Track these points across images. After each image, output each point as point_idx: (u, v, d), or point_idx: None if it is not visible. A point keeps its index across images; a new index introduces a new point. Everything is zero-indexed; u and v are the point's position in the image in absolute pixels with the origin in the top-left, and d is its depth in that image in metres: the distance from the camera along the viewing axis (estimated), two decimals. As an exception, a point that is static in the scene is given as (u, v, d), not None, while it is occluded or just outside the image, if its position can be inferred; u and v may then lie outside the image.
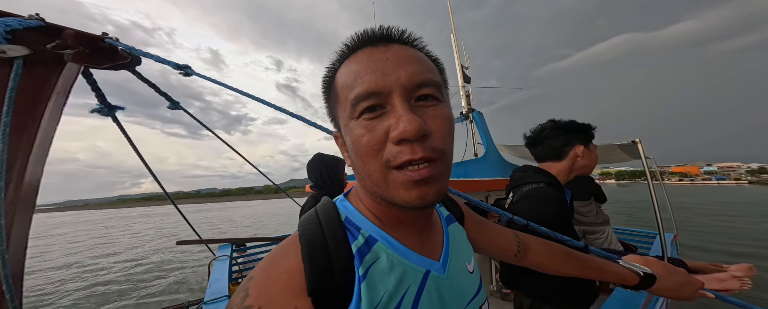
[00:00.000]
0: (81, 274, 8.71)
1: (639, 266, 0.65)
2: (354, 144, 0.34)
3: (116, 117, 1.04)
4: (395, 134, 0.30)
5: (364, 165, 0.34)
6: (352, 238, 0.37)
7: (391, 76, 0.31)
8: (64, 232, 22.80)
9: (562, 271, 0.65)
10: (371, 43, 0.34)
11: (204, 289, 1.92)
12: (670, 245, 2.41)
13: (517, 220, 0.82)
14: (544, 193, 1.02)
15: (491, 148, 3.50)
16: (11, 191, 0.62)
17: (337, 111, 0.37)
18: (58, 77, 0.69)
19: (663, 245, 1.56)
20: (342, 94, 0.34)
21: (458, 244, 0.48)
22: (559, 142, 1.09)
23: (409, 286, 0.36)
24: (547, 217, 0.94)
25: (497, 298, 2.46)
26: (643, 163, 1.59)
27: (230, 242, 2.65)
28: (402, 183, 0.31)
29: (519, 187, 1.13)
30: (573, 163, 1.09)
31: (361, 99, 0.32)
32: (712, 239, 9.18)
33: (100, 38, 0.77)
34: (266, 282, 0.32)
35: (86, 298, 6.64)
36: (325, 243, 0.35)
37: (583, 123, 1.12)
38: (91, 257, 11.38)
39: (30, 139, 0.65)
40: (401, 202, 0.33)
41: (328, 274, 0.33)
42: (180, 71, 0.92)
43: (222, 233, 16.83)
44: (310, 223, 0.38)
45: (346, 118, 0.34)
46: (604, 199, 2.22)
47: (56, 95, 0.70)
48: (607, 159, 3.16)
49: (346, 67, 0.35)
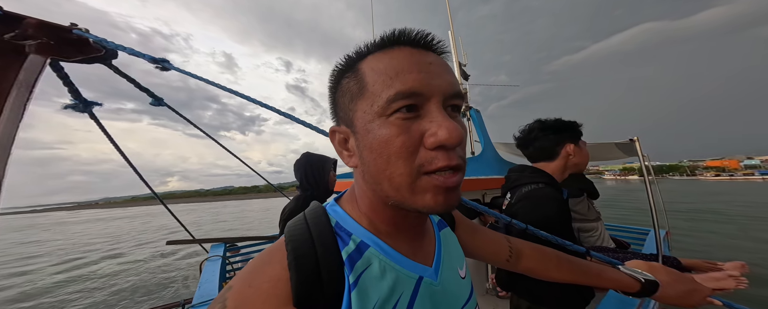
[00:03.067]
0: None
1: (641, 272, 0.62)
2: (381, 143, 0.31)
3: (93, 113, 1.00)
4: (435, 140, 0.30)
5: (387, 166, 0.31)
6: (343, 244, 0.35)
7: (434, 82, 0.31)
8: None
9: (556, 277, 0.63)
10: (411, 44, 0.34)
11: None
12: (663, 241, 2.39)
13: (516, 223, 0.79)
14: (544, 193, 1.01)
15: (488, 146, 3.47)
16: (-35, 191, 0.58)
17: (357, 104, 0.33)
18: (18, 70, 0.65)
19: (658, 242, 1.55)
20: (373, 87, 0.32)
21: (450, 250, 0.47)
22: (549, 142, 1.10)
23: (402, 293, 0.35)
24: (551, 218, 0.93)
25: (493, 296, 2.44)
26: (640, 161, 1.62)
27: (223, 241, 2.61)
28: (432, 188, 0.31)
29: (517, 187, 1.12)
30: (566, 162, 1.10)
31: (402, 97, 0.30)
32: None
33: (67, 29, 0.72)
34: (247, 291, 0.30)
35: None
36: (314, 249, 0.33)
37: (570, 121, 1.12)
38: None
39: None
40: (423, 207, 0.32)
41: (315, 282, 0.31)
42: (157, 66, 0.87)
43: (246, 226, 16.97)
44: (298, 229, 0.36)
45: (373, 113, 0.32)
46: (597, 195, 2.21)
47: (18, 89, 0.66)
48: (605, 157, 3.14)
49: (380, 61, 0.33)
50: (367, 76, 0.33)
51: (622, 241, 2.32)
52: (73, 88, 0.89)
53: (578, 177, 2.18)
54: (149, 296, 6.41)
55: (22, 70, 0.66)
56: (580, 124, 1.13)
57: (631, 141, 1.67)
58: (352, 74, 0.34)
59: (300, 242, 0.34)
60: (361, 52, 0.35)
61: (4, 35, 0.61)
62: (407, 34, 0.34)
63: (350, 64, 0.36)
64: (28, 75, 0.68)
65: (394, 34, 0.34)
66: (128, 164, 1.27)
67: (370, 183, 0.35)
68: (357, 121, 0.34)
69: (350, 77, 0.35)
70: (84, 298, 6.60)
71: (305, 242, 0.34)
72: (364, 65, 0.34)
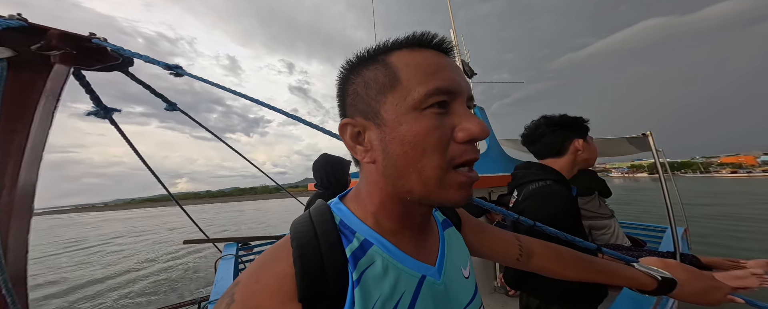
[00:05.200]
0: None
1: (657, 270, 0.60)
2: (417, 135, 0.32)
3: (113, 119, 1.04)
4: (466, 134, 0.32)
5: (421, 159, 0.32)
6: (347, 242, 0.36)
7: (462, 83, 0.35)
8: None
9: (570, 276, 0.61)
10: (436, 48, 0.36)
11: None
12: (681, 239, 2.31)
13: (523, 220, 0.78)
14: (552, 191, 0.99)
15: (493, 144, 3.44)
16: (5, 196, 0.61)
17: (387, 96, 0.34)
18: (46, 79, 0.68)
19: (675, 239, 1.48)
20: (408, 81, 0.33)
21: (454, 249, 0.47)
22: (556, 138, 1.08)
23: (404, 292, 0.36)
24: (558, 216, 0.92)
25: (502, 294, 2.41)
26: (654, 156, 1.55)
27: (235, 241, 2.68)
28: (458, 183, 0.33)
29: (524, 185, 1.11)
30: (575, 158, 1.08)
31: (440, 92, 0.32)
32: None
33: (86, 38, 0.75)
34: (254, 287, 0.31)
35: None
36: (318, 246, 0.34)
37: (576, 116, 1.10)
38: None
39: (21, 144, 0.64)
40: (447, 201, 0.33)
41: (320, 278, 0.31)
42: (171, 72, 0.90)
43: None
44: (303, 226, 0.37)
45: (407, 106, 0.33)
46: (609, 193, 2.16)
47: (46, 98, 0.69)
48: (615, 152, 3.05)
49: (412, 57, 0.35)
50: (400, 71, 0.34)
51: (637, 239, 2.27)
52: (95, 96, 0.92)
53: (589, 175, 2.13)
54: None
55: (49, 80, 0.69)
56: (586, 120, 1.10)
57: (643, 136, 1.61)
58: (380, 66, 0.35)
59: (305, 240, 0.34)
60: (387, 47, 0.36)
61: (31, 47, 0.64)
62: (435, 38, 0.36)
63: (374, 55, 0.36)
64: (54, 84, 0.72)
65: (424, 35, 0.36)
66: (147, 168, 1.31)
67: (392, 177, 0.35)
68: (386, 113, 0.34)
69: (376, 69, 0.35)
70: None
71: (310, 240, 0.34)
72: (395, 59, 0.35)
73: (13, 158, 0.63)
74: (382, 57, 0.36)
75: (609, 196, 2.18)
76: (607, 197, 2.17)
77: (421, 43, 0.36)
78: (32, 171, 0.67)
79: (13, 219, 0.62)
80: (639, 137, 1.72)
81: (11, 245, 0.63)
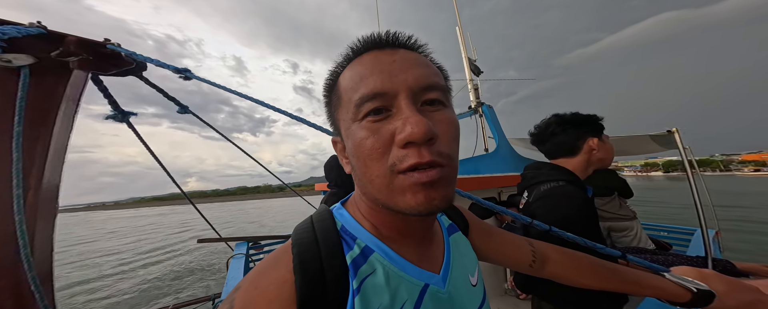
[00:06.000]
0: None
1: (691, 281, 0.54)
2: (356, 147, 0.32)
3: (130, 122, 1.07)
4: (402, 136, 0.29)
5: (366, 169, 0.32)
6: (347, 249, 0.35)
7: (398, 78, 0.31)
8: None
9: (590, 285, 0.58)
10: (378, 47, 0.34)
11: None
12: (712, 243, 2.13)
13: (537, 225, 0.73)
14: (566, 192, 0.94)
15: (503, 142, 3.37)
16: (31, 197, 0.64)
17: (339, 114, 0.36)
18: (65, 85, 0.71)
19: (706, 243, 1.37)
20: (345, 95, 0.34)
21: (460, 256, 0.45)
22: (569, 137, 1.03)
23: (406, 301, 0.34)
24: (572, 218, 0.87)
25: (513, 297, 2.36)
26: (681, 154, 1.46)
27: (246, 240, 2.75)
28: (408, 187, 0.30)
29: (534, 186, 1.06)
30: (589, 157, 1.03)
31: (365, 100, 0.31)
32: None
33: (102, 44, 0.78)
34: (253, 293, 0.30)
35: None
36: (319, 253, 0.33)
37: (590, 114, 1.05)
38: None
39: (44, 147, 0.67)
40: (406, 208, 0.31)
41: (319, 286, 0.31)
42: (180, 75, 0.92)
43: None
44: (304, 232, 0.37)
45: (349, 120, 0.34)
46: (630, 194, 2.05)
47: (66, 103, 0.72)
48: (637, 150, 2.92)
49: (350, 70, 0.35)
50: (341, 86, 0.35)
51: (662, 242, 2.15)
52: (112, 100, 0.96)
53: (608, 175, 2.04)
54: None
55: (68, 86, 0.72)
56: (601, 118, 1.05)
57: (668, 132, 1.53)
58: (335, 86, 0.37)
59: (306, 246, 0.34)
60: (341, 65, 0.37)
61: (51, 53, 0.67)
62: (373, 38, 0.35)
63: (334, 77, 0.38)
64: (73, 90, 0.74)
65: (360, 42, 0.35)
66: (163, 169, 1.36)
67: (360, 186, 0.36)
68: (341, 130, 0.36)
69: (334, 89, 0.37)
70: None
71: (311, 246, 0.34)
72: (342, 76, 0.36)
73: (37, 161, 0.66)
74: (338, 76, 0.37)
75: (630, 197, 2.07)
76: (628, 198, 2.06)
77: (364, 48, 0.35)
78: (56, 172, 0.70)
79: (39, 219, 0.65)
80: (664, 134, 1.63)
81: (38, 244, 0.66)
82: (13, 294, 0.63)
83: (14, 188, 0.59)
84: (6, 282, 0.62)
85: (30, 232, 0.62)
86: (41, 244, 0.67)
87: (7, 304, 0.63)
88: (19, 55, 0.60)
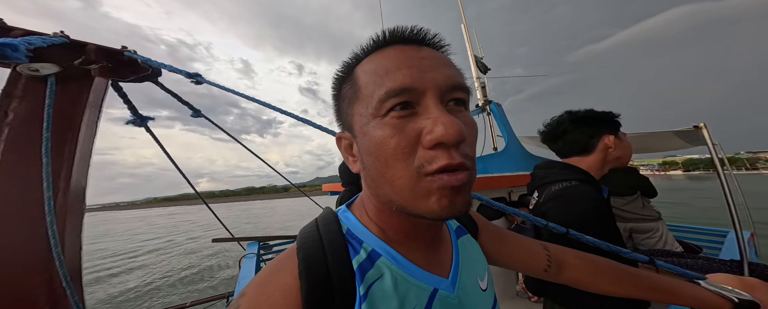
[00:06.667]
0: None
1: (731, 289, 0.49)
2: (377, 146, 0.30)
3: (148, 127, 1.12)
4: (432, 137, 0.28)
5: (386, 170, 0.31)
6: (354, 253, 0.34)
7: (427, 75, 0.30)
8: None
9: (613, 292, 0.54)
10: (403, 41, 0.33)
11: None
12: (748, 245, 1.94)
13: (553, 227, 0.68)
14: (579, 192, 0.90)
15: (512, 141, 3.31)
16: (60, 199, 0.68)
17: (354, 108, 0.34)
18: (88, 92, 0.74)
19: (741, 246, 1.26)
20: (366, 89, 0.32)
21: (469, 259, 0.44)
22: (583, 135, 0.99)
23: (414, 307, 0.34)
24: (586, 221, 0.83)
25: (524, 299, 2.30)
26: (711, 151, 1.35)
27: (257, 240, 2.84)
28: (435, 190, 0.29)
29: (546, 186, 1.02)
30: (605, 156, 0.98)
31: (392, 95, 0.29)
32: None
33: (120, 52, 0.81)
34: (259, 299, 0.30)
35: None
36: (325, 258, 0.32)
37: (605, 111, 1.00)
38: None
39: (71, 152, 0.71)
40: (428, 212, 0.30)
41: (326, 292, 0.30)
42: (192, 80, 0.94)
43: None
44: (309, 236, 0.36)
45: (368, 116, 0.32)
46: (654, 193, 1.95)
47: (89, 109, 0.76)
48: (662, 147, 2.79)
49: (372, 62, 0.33)
50: (360, 79, 0.33)
51: (691, 244, 2.02)
52: (132, 106, 1.00)
53: (629, 173, 1.95)
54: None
55: (91, 92, 0.75)
56: (617, 114, 1.00)
57: (695, 128, 1.43)
58: (349, 79, 0.35)
59: (311, 250, 0.33)
60: (357, 57, 0.35)
61: (74, 62, 0.70)
62: (398, 32, 0.33)
63: (348, 70, 0.36)
64: (95, 96, 0.78)
65: (385, 34, 0.33)
66: (178, 171, 1.40)
67: (372, 187, 0.35)
68: (355, 125, 0.34)
69: (347, 82, 0.35)
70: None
71: (316, 251, 0.33)
72: (358, 69, 0.34)
73: (65, 165, 0.69)
74: (352, 70, 0.35)
75: (654, 196, 1.96)
76: (651, 197, 1.96)
77: (387, 41, 0.33)
78: (82, 175, 0.74)
79: (68, 219, 0.69)
80: (690, 130, 1.54)
81: (68, 243, 0.70)
82: (47, 290, 0.67)
83: (45, 191, 0.62)
84: (41, 279, 0.66)
85: (60, 231, 0.65)
86: (71, 244, 0.71)
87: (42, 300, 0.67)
88: (46, 64, 0.64)
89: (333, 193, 3.00)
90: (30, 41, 0.55)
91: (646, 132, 2.12)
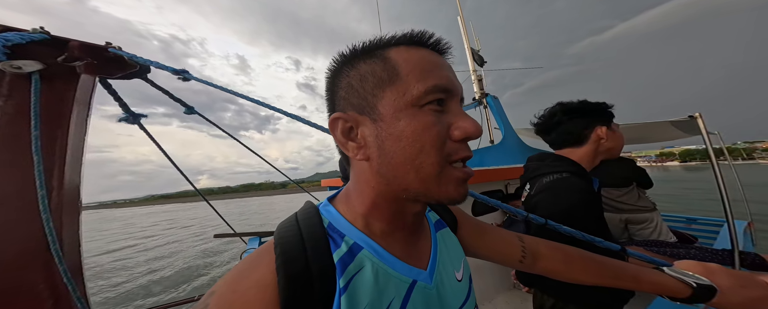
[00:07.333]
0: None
1: (692, 275, 0.52)
2: (417, 132, 0.32)
3: (142, 124, 1.11)
4: (461, 132, 0.33)
5: (419, 155, 0.32)
6: (335, 247, 0.35)
7: (457, 83, 0.36)
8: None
9: (582, 280, 0.56)
10: (433, 47, 0.37)
11: None
12: (743, 235, 1.97)
13: (533, 218, 0.71)
14: (569, 184, 0.91)
15: (509, 133, 3.31)
16: (55, 197, 0.68)
17: (386, 91, 0.33)
18: (75, 89, 0.74)
19: (732, 235, 1.27)
20: (407, 77, 0.33)
21: (447, 252, 0.45)
22: (576, 126, 0.99)
23: (394, 298, 0.35)
24: (574, 212, 0.84)
25: (519, 291, 2.32)
26: (706, 141, 1.35)
27: (259, 235, 2.87)
28: (456, 179, 0.34)
29: (537, 178, 1.03)
30: (597, 147, 0.98)
31: (438, 90, 0.33)
32: None
33: (104, 48, 0.80)
34: (231, 297, 0.29)
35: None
36: (304, 252, 0.32)
37: (599, 102, 0.99)
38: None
39: (62, 150, 0.71)
40: (446, 197, 0.33)
41: (304, 285, 0.30)
42: (179, 77, 0.93)
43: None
44: (288, 231, 0.35)
45: (405, 102, 0.33)
46: (650, 184, 1.97)
47: (78, 107, 0.75)
48: (657, 138, 2.77)
49: (411, 54, 0.35)
50: (400, 66, 0.33)
51: (686, 234, 2.06)
52: (123, 103, 0.99)
53: (625, 164, 1.96)
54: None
55: (78, 89, 0.75)
56: (610, 105, 1.00)
57: (690, 118, 1.42)
58: (378, 60, 0.34)
59: (290, 245, 0.33)
60: (385, 42, 0.36)
61: (57, 59, 0.69)
62: (433, 39, 0.37)
63: (370, 50, 0.36)
64: (83, 93, 0.77)
65: (423, 34, 0.36)
66: (176, 168, 1.41)
67: (387, 175, 0.34)
68: (383, 108, 0.33)
69: (374, 63, 0.34)
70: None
71: (295, 245, 0.33)
72: (394, 54, 0.34)
73: (57, 163, 0.69)
74: (380, 52, 0.35)
75: (650, 187, 1.98)
76: (647, 188, 1.98)
77: (419, 42, 0.36)
78: (75, 173, 0.74)
79: (64, 216, 0.70)
80: (686, 120, 1.52)
81: (66, 239, 0.71)
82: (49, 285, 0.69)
83: (38, 189, 0.63)
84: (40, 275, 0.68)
85: (57, 228, 0.66)
86: (69, 240, 0.72)
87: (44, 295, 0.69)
88: (28, 62, 0.63)
89: (331, 189, 3.01)
90: (6, 38, 0.54)
91: (642, 122, 2.11)
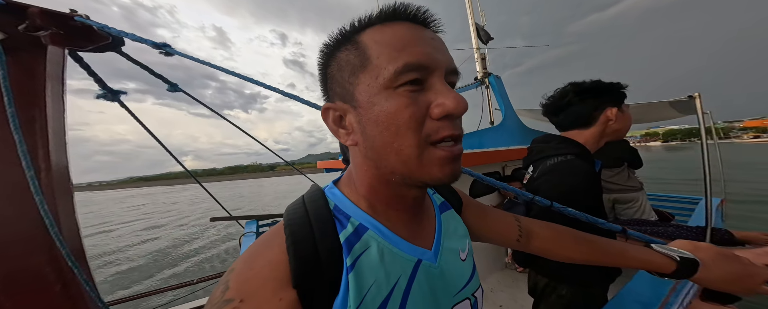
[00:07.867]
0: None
1: (676, 250, 0.54)
2: (390, 116, 0.31)
3: (121, 101, 1.05)
4: (441, 110, 0.31)
5: (395, 139, 0.32)
6: (341, 228, 0.36)
7: (437, 56, 0.33)
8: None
9: (573, 258, 0.59)
10: (411, 20, 0.34)
11: None
12: (715, 211, 2.04)
13: (539, 201, 0.71)
14: (572, 166, 0.90)
15: (510, 114, 3.24)
16: (44, 178, 0.65)
17: (360, 78, 0.33)
18: (44, 63, 0.67)
19: (708, 212, 1.32)
20: (378, 59, 0.32)
21: (451, 232, 0.47)
22: (586, 108, 0.96)
23: (400, 276, 0.36)
24: (575, 194, 0.84)
25: (512, 270, 2.43)
26: (700, 121, 1.36)
27: (256, 218, 2.88)
28: (439, 159, 0.32)
29: (541, 160, 1.02)
30: (604, 129, 0.96)
31: (409, 69, 0.31)
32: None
33: (69, 17, 0.72)
34: (248, 273, 0.31)
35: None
36: (311, 233, 0.34)
37: (612, 82, 0.95)
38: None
39: (43, 129, 0.67)
40: (431, 179, 0.33)
41: (313, 265, 0.32)
42: (160, 51, 0.86)
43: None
44: (296, 213, 0.37)
45: (378, 86, 0.32)
46: (640, 164, 2.00)
47: (51, 82, 0.69)
48: (654, 118, 2.77)
49: (382, 34, 0.33)
50: (370, 49, 0.32)
51: (665, 212, 2.14)
52: (98, 78, 0.92)
53: (619, 145, 1.97)
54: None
55: (48, 63, 0.68)
56: (625, 85, 0.95)
57: (690, 97, 1.41)
58: (351, 47, 0.34)
59: (298, 226, 0.34)
60: (359, 25, 0.34)
61: (18, 26, 0.62)
62: (408, 10, 0.34)
63: (347, 36, 0.35)
64: (54, 67, 0.71)
65: (394, 8, 0.34)
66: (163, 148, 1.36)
67: (374, 159, 0.35)
68: (359, 95, 0.33)
69: (349, 50, 0.34)
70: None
71: (303, 226, 0.34)
72: (365, 37, 0.33)
73: (40, 143, 0.65)
74: (355, 37, 0.34)
75: (639, 167, 2.01)
76: (637, 168, 2.01)
77: (394, 16, 0.34)
78: (61, 152, 0.71)
79: (57, 199, 0.67)
80: (684, 100, 1.54)
81: (63, 222, 0.69)
82: (54, 269, 0.68)
83: (25, 170, 0.59)
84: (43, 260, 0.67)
85: (52, 211, 0.64)
86: (67, 223, 0.70)
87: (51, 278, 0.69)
88: (-14, 31, 0.56)
89: (328, 171, 2.96)
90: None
91: (643, 103, 2.13)
